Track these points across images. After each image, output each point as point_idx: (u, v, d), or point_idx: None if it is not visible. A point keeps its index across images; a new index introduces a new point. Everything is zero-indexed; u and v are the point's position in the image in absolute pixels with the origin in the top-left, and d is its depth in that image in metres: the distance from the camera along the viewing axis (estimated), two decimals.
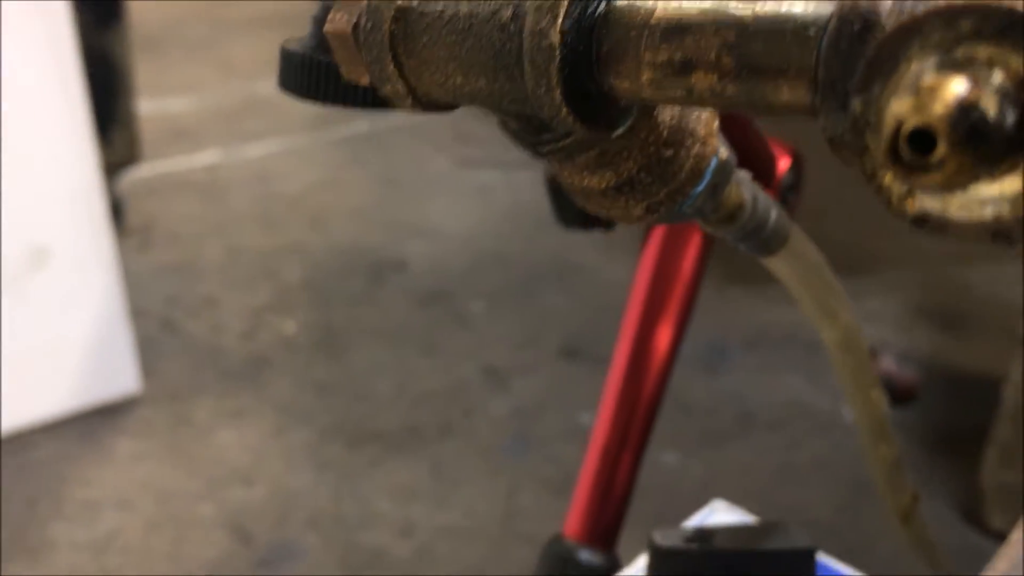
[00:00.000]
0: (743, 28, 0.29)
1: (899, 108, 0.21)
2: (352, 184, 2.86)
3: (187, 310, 2.25)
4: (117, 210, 2.49)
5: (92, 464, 1.75)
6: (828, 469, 1.85)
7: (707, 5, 0.30)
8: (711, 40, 0.29)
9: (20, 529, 1.59)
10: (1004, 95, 0.21)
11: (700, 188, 0.41)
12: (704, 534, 0.63)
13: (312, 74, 0.41)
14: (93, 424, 1.83)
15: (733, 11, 0.29)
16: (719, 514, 0.73)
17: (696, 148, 0.40)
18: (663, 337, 0.80)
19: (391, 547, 1.60)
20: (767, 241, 0.49)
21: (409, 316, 2.27)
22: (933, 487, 1.79)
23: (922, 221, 0.24)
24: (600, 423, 0.80)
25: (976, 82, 0.21)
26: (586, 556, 0.76)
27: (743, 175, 0.46)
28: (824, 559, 0.69)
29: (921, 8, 0.22)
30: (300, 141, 3.08)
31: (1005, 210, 0.22)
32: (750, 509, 1.80)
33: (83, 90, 1.74)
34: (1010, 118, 0.21)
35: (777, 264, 0.53)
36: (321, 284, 2.39)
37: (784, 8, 0.28)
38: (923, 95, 0.21)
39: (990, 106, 0.21)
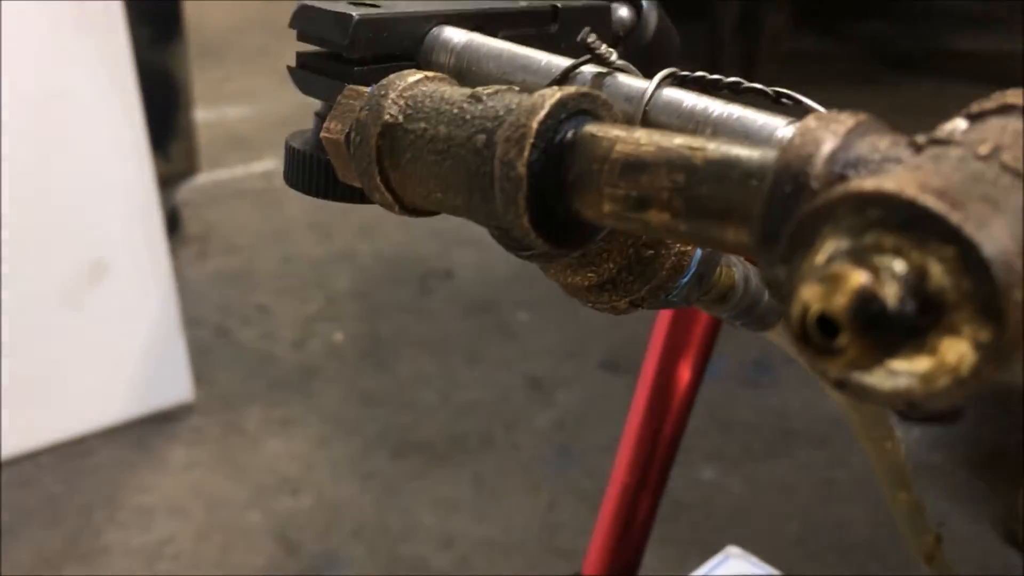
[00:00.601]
0: (692, 171, 0.30)
1: (807, 294, 0.23)
2: None
3: (241, 318, 2.30)
4: (175, 220, 2.56)
5: (146, 471, 1.81)
6: (871, 486, 1.83)
7: (664, 142, 0.31)
8: (663, 180, 0.31)
9: (76, 534, 1.65)
10: (905, 285, 0.22)
11: (684, 280, 0.43)
12: None
13: (314, 173, 0.44)
14: (147, 431, 1.89)
15: (685, 152, 0.31)
16: (732, 561, 0.74)
17: (677, 246, 0.41)
18: (683, 376, 0.82)
19: (431, 559, 1.64)
20: (762, 318, 0.51)
21: (454, 326, 2.30)
22: (976, 507, 1.77)
23: (842, 386, 0.25)
24: (619, 463, 0.81)
25: (877, 273, 0.23)
26: None
27: (733, 258, 0.47)
28: None
29: (835, 192, 0.24)
30: None
31: (916, 385, 0.24)
32: (790, 527, 1.79)
33: (140, 105, 1.80)
34: (909, 308, 0.22)
35: (777, 337, 0.54)
36: (369, 293, 2.43)
37: (733, 153, 0.30)
38: (827, 284, 0.23)
39: (890, 296, 0.22)
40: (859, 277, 0.22)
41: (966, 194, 0.23)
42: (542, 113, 0.33)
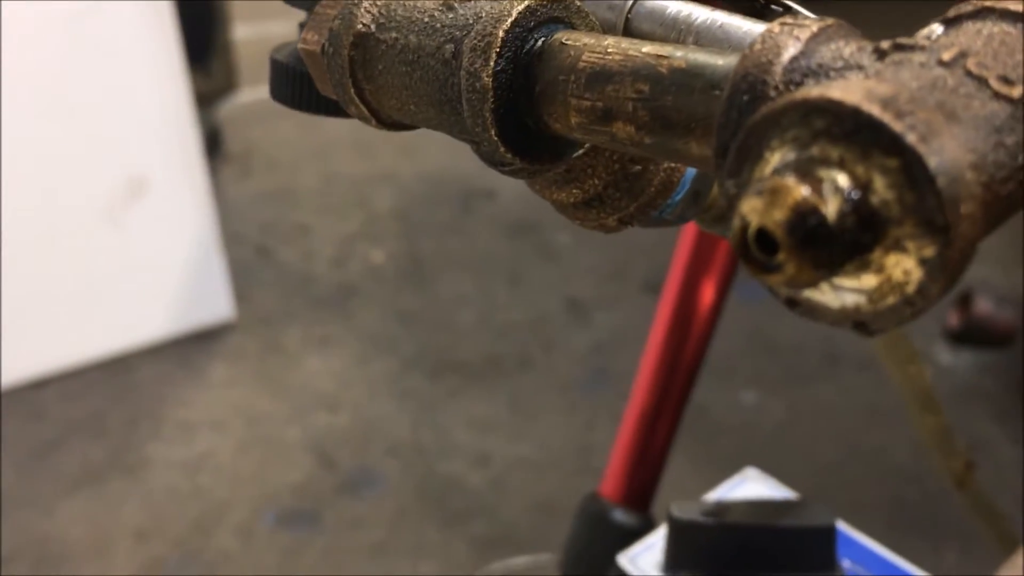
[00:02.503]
0: (657, 81, 0.28)
1: (746, 208, 0.21)
2: None
3: (281, 237, 2.32)
4: (216, 138, 2.56)
5: (188, 387, 1.84)
6: None
7: (632, 51, 0.29)
8: (628, 91, 0.29)
9: (120, 448, 1.69)
10: (848, 200, 0.21)
11: (678, 198, 0.41)
12: (723, 508, 0.64)
13: (298, 85, 0.42)
14: (189, 348, 1.93)
15: (651, 61, 0.29)
16: (750, 483, 0.73)
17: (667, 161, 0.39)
18: (706, 297, 0.80)
19: (467, 477, 1.65)
20: None
21: (495, 246, 2.29)
22: (1021, 434, 1.74)
23: (792, 304, 0.24)
24: (639, 383, 0.80)
25: (819, 186, 0.21)
26: (620, 516, 0.78)
27: None
28: (850, 534, 0.69)
29: (781, 100, 0.22)
30: None
31: (863, 303, 0.22)
32: (829, 451, 1.78)
33: (175, 21, 1.78)
34: (850, 223, 0.21)
35: None
36: (410, 213, 2.43)
37: (700, 61, 0.28)
38: (767, 197, 0.21)
39: (830, 211, 0.21)
40: (799, 191, 0.21)
41: (918, 102, 0.21)
42: (509, 21, 0.31)
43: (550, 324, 2.04)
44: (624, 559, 0.67)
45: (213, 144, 2.49)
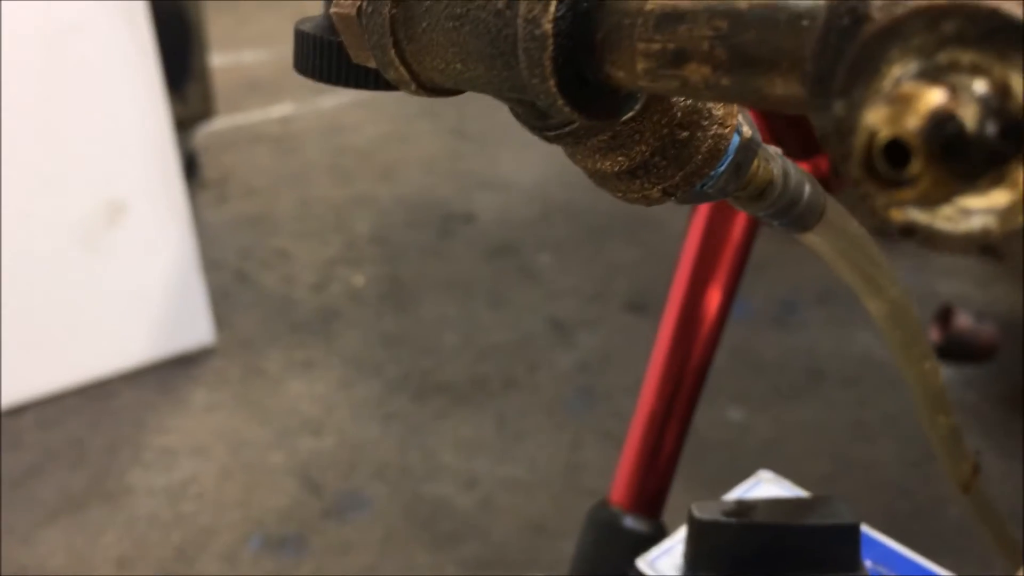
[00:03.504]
0: (737, 17, 0.27)
1: (873, 118, 0.20)
2: (422, 136, 2.86)
3: (260, 262, 2.29)
4: (193, 163, 2.54)
5: (169, 413, 1.81)
6: (900, 426, 1.81)
7: None
8: (704, 29, 0.28)
9: (100, 475, 1.65)
10: (985, 106, 0.20)
11: (721, 169, 0.40)
12: (744, 507, 0.63)
13: (325, 56, 0.41)
14: (170, 373, 1.89)
15: None
16: (765, 485, 0.72)
17: (714, 129, 0.38)
18: (712, 302, 0.79)
19: (454, 498, 1.63)
20: (801, 217, 0.48)
21: (476, 269, 2.27)
22: (1009, 445, 1.74)
23: (909, 232, 0.22)
24: (646, 390, 0.79)
25: (955, 92, 0.20)
26: (631, 523, 0.76)
27: (772, 150, 0.44)
28: (871, 533, 0.67)
29: (902, 8, 0.21)
30: (372, 93, 3.09)
31: (993, 224, 0.21)
32: (818, 467, 1.78)
33: (155, 47, 1.77)
34: (990, 130, 0.20)
35: (814, 240, 0.51)
36: (390, 236, 2.41)
37: None
38: (897, 105, 0.20)
39: (968, 118, 0.20)
40: (935, 95, 0.20)
41: None
42: None
43: (534, 345, 2.02)
44: (643, 563, 0.66)
45: (190, 170, 2.47)
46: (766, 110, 0.29)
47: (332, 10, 0.37)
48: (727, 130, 0.38)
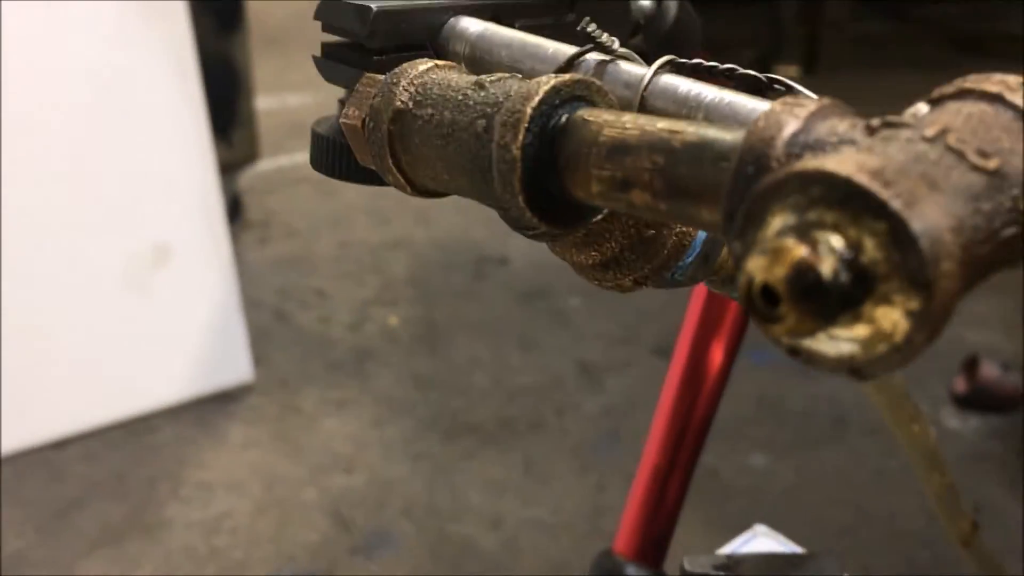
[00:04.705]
0: (671, 153, 0.32)
1: (751, 265, 0.25)
2: None
3: (299, 302, 2.36)
4: (237, 205, 2.62)
5: (207, 448, 1.87)
6: None
7: (648, 126, 0.33)
8: (645, 162, 0.33)
9: (140, 508, 1.71)
10: (840, 259, 0.24)
11: (689, 260, 0.45)
12: (734, 562, 0.66)
13: (338, 156, 0.46)
14: (209, 410, 1.96)
15: (665, 135, 0.32)
16: (760, 539, 0.75)
17: (678, 227, 0.43)
18: (715, 358, 0.83)
19: (480, 539, 1.67)
20: None
21: (508, 311, 2.32)
22: None
23: (794, 352, 0.27)
24: (651, 442, 0.83)
25: (816, 247, 0.24)
26: (633, 572, 0.80)
27: None
28: None
29: (783, 171, 0.26)
30: None
31: (857, 351, 0.26)
32: (839, 515, 1.79)
33: (202, 93, 1.85)
34: (844, 279, 0.24)
35: None
36: (424, 278, 2.47)
37: (709, 136, 0.32)
38: (770, 256, 0.24)
39: (826, 269, 0.24)
40: (798, 250, 0.24)
41: (903, 173, 0.25)
42: (536, 99, 0.35)
43: (562, 387, 2.06)
44: None
45: (234, 211, 2.55)
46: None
47: (341, 120, 0.43)
48: (690, 227, 0.43)
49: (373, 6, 0.43)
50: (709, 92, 0.38)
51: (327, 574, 1.60)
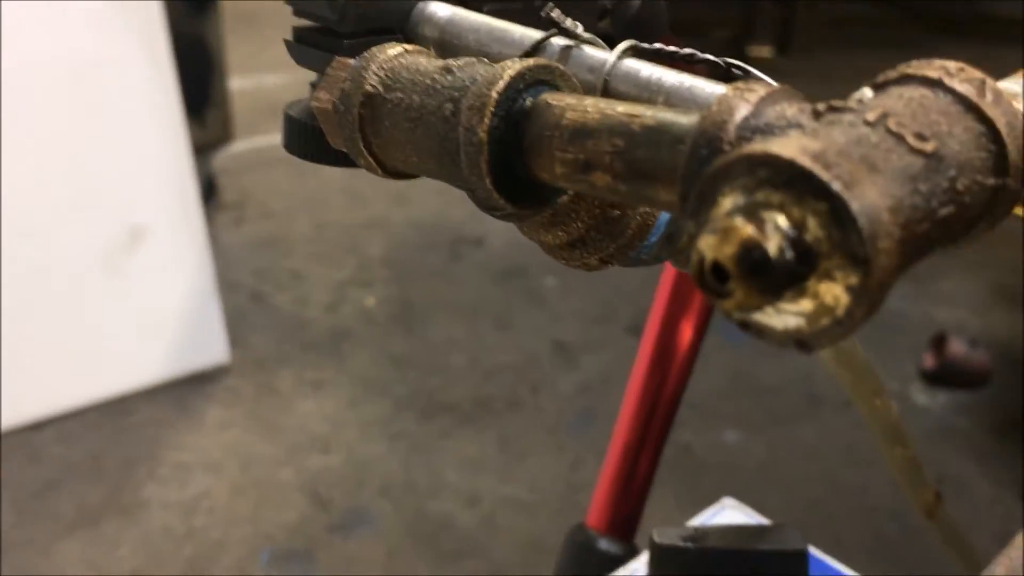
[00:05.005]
0: (631, 137, 0.33)
1: (702, 244, 0.26)
2: None
3: (275, 283, 2.36)
4: (212, 186, 2.61)
5: (184, 430, 1.87)
6: None
7: (608, 110, 0.34)
8: (606, 145, 0.34)
9: (117, 489, 1.72)
10: (786, 237, 0.25)
11: (653, 240, 0.46)
12: (701, 533, 0.68)
13: (308, 139, 0.47)
14: (185, 391, 1.96)
15: (625, 119, 0.34)
16: (728, 511, 0.77)
17: (643, 207, 0.44)
18: (684, 336, 0.84)
19: (457, 516, 1.68)
20: None
21: (484, 291, 2.33)
22: (1000, 471, 1.79)
23: (745, 326, 0.28)
24: (622, 418, 0.85)
25: (762, 226, 0.26)
26: (605, 545, 0.82)
27: None
28: (819, 556, 0.73)
29: (731, 155, 0.27)
30: None
31: (803, 324, 0.27)
32: (810, 490, 1.82)
33: (174, 74, 1.84)
34: (789, 256, 0.25)
35: None
36: (401, 259, 2.48)
37: (666, 119, 0.33)
38: (719, 235, 0.26)
39: (772, 246, 0.25)
40: (745, 229, 0.25)
41: (844, 155, 0.26)
42: (501, 83, 0.36)
43: (538, 366, 2.08)
44: None
45: (208, 193, 2.54)
46: None
47: (312, 103, 0.43)
48: (652, 208, 0.44)
49: None
50: (670, 76, 0.39)
51: (305, 553, 1.62)
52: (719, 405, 1.94)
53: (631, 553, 0.82)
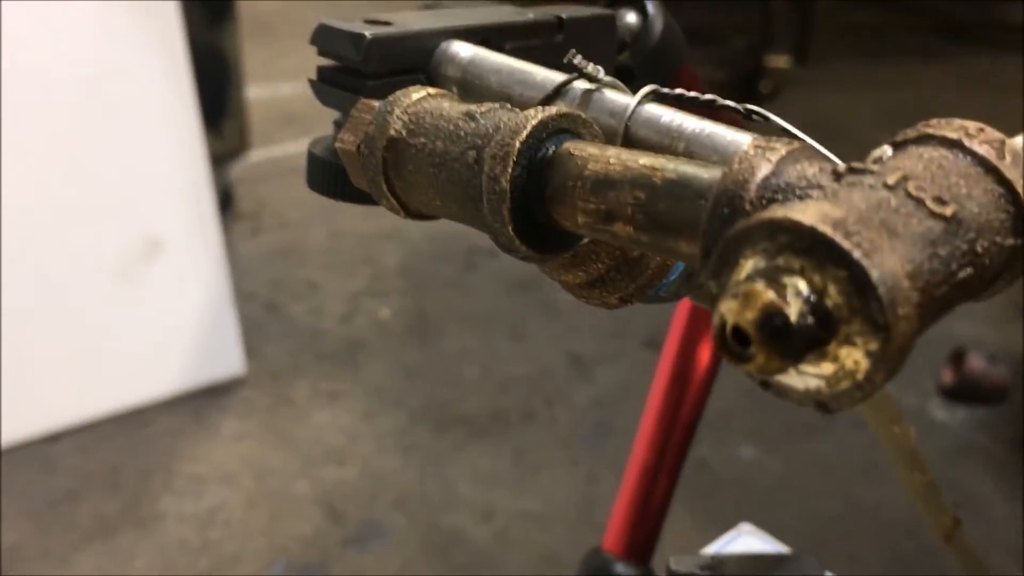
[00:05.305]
0: (652, 189, 0.33)
1: (724, 308, 0.26)
2: None
3: (291, 293, 2.37)
4: (228, 196, 2.63)
5: (200, 441, 1.88)
6: None
7: (630, 162, 0.34)
8: (628, 197, 0.34)
9: (133, 501, 1.73)
10: (806, 303, 0.26)
11: (672, 278, 0.46)
12: (718, 562, 0.68)
13: (331, 177, 0.47)
14: (201, 403, 1.97)
15: (647, 171, 0.34)
16: (745, 538, 0.77)
17: None
18: (702, 359, 0.84)
19: (471, 530, 1.69)
20: None
21: (498, 303, 2.34)
22: (1017, 489, 1.77)
23: (766, 385, 0.28)
24: (639, 442, 0.84)
25: (783, 291, 0.26)
26: (622, 569, 0.82)
27: None
28: None
29: (752, 220, 0.27)
30: None
31: (823, 386, 0.27)
32: (827, 506, 1.81)
33: (192, 86, 1.85)
34: (809, 322, 0.26)
35: None
36: (416, 269, 2.48)
37: (688, 173, 0.33)
38: (741, 300, 0.26)
39: (792, 313, 0.25)
40: (767, 295, 0.25)
41: (864, 222, 0.26)
42: (524, 133, 0.36)
43: (553, 379, 2.08)
44: None
45: (225, 203, 2.55)
46: None
47: (337, 145, 0.44)
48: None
49: (367, 33, 0.45)
50: (690, 123, 0.39)
51: (319, 566, 1.62)
52: (735, 421, 1.93)
53: None
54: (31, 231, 1.75)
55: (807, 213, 0.26)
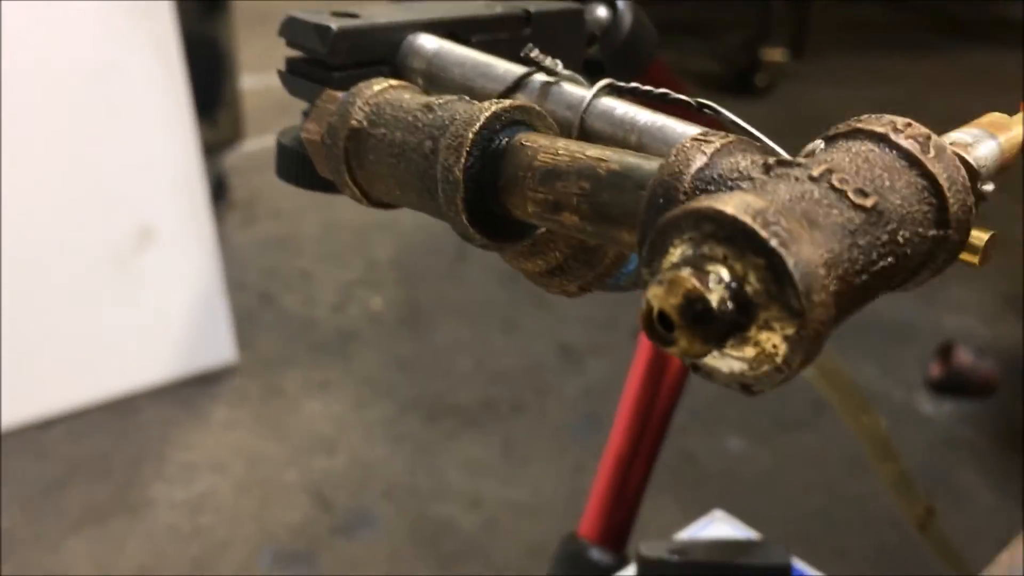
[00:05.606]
0: (597, 180, 0.34)
1: (650, 293, 0.27)
2: None
3: (283, 283, 2.38)
4: (222, 186, 2.63)
5: (190, 429, 1.89)
6: None
7: (578, 153, 0.36)
8: (573, 188, 0.35)
9: (124, 488, 1.74)
10: (727, 289, 0.27)
11: (630, 268, 0.47)
12: (688, 547, 0.69)
13: (300, 167, 0.48)
14: (192, 391, 1.98)
15: (592, 163, 0.35)
16: (717, 524, 0.78)
17: None
18: None
19: (459, 519, 1.70)
20: None
21: (490, 294, 2.35)
22: (1004, 482, 1.79)
23: (695, 368, 0.29)
24: (616, 430, 0.86)
25: (704, 279, 0.27)
26: (597, 555, 0.83)
27: None
28: (804, 570, 0.74)
29: (679, 209, 0.28)
30: None
31: (745, 369, 0.28)
32: (813, 498, 1.82)
33: (185, 75, 1.86)
34: (730, 307, 0.27)
35: None
36: (408, 260, 2.49)
37: (631, 164, 0.34)
38: (665, 286, 0.27)
39: (714, 299, 0.27)
40: (690, 281, 0.27)
41: (786, 212, 0.27)
42: (478, 125, 0.37)
43: (543, 370, 2.09)
44: None
45: (218, 192, 2.56)
46: None
47: (302, 135, 0.45)
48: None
49: (334, 26, 0.46)
50: (643, 115, 0.40)
51: (308, 553, 1.64)
52: (722, 412, 1.94)
53: (621, 563, 0.83)
54: (24, 221, 1.76)
55: (731, 203, 0.27)
